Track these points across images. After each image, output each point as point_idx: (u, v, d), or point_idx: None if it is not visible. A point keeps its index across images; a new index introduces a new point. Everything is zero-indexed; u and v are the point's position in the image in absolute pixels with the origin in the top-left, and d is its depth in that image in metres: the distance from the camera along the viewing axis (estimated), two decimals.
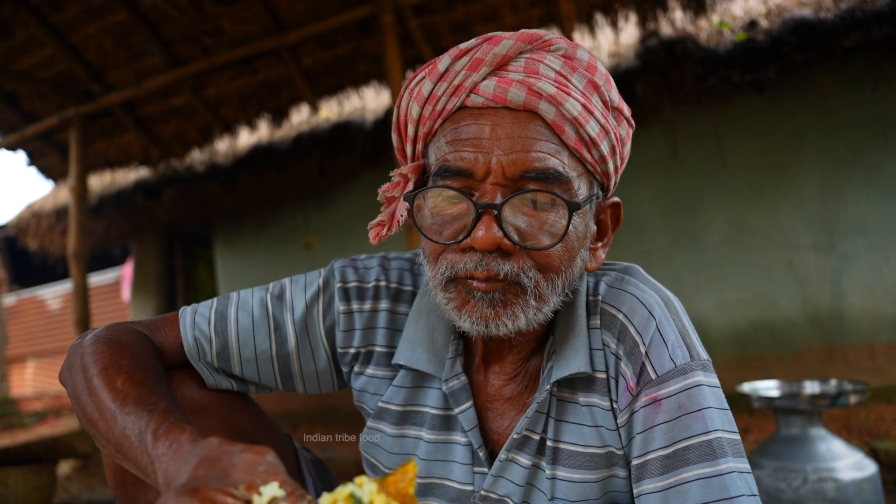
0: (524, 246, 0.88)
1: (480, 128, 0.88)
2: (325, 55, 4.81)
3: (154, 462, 0.78)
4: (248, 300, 1.11)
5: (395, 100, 3.91)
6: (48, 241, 6.99)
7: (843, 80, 4.35)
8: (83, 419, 0.93)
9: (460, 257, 0.90)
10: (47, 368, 10.94)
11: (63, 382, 1.01)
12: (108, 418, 0.87)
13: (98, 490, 4.34)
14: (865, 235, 4.40)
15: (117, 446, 0.85)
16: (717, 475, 0.88)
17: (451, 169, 0.89)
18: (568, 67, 0.91)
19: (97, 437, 0.91)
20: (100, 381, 0.91)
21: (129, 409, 0.86)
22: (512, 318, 0.90)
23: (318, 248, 6.23)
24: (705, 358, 0.98)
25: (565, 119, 0.88)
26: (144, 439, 0.81)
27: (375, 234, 1.02)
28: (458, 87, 0.90)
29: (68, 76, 5.05)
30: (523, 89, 0.87)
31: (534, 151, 0.87)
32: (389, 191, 1.01)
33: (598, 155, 0.93)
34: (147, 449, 0.80)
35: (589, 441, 0.99)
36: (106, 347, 0.97)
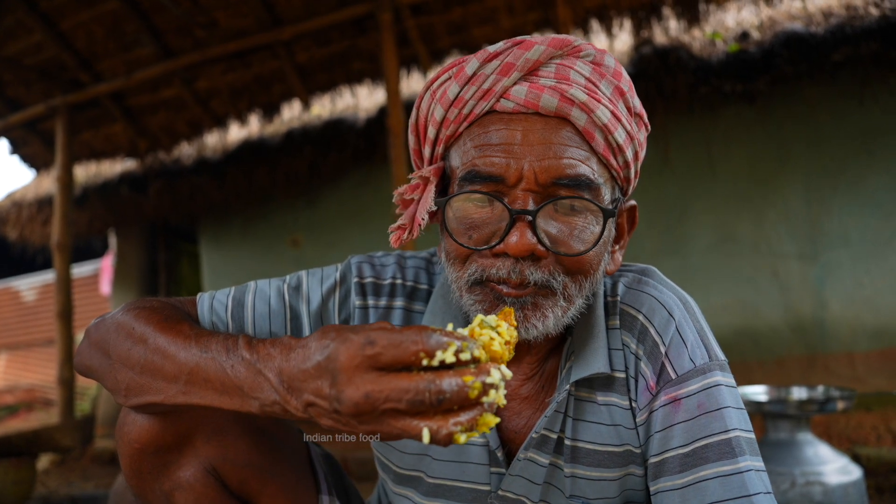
0: (557, 252, 0.89)
1: (511, 133, 0.88)
2: (320, 52, 4.78)
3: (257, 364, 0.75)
4: (265, 289, 1.11)
5: (391, 98, 3.96)
6: (28, 231, 6.85)
7: (831, 94, 4.45)
8: (130, 375, 0.87)
9: (492, 262, 0.90)
10: (20, 361, 10.71)
11: (86, 361, 0.97)
12: (177, 354, 0.83)
13: (77, 485, 4.27)
14: (847, 246, 4.49)
15: (192, 375, 0.81)
16: (736, 473, 0.90)
17: (481, 174, 0.88)
18: (597, 74, 0.91)
19: (151, 386, 0.85)
20: (158, 332, 0.87)
21: (206, 338, 0.84)
22: (541, 319, 0.90)
23: (306, 245, 6.19)
24: (723, 358, 1.01)
25: (596, 126, 0.89)
26: (236, 352, 0.79)
27: (396, 237, 1.01)
28: (487, 91, 0.90)
29: (56, 64, 4.96)
30: (556, 95, 0.87)
31: (566, 158, 0.88)
32: (408, 193, 1.00)
33: (622, 161, 0.95)
34: (243, 358, 0.77)
35: (607, 440, 1.01)
36: (149, 311, 0.94)
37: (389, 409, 0.64)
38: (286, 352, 0.74)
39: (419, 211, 0.97)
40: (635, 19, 4.44)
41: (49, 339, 9.58)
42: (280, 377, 0.73)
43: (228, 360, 0.79)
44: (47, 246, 6.43)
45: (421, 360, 0.65)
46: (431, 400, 0.63)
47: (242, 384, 0.77)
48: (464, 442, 0.65)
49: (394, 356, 0.65)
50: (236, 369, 0.77)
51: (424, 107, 0.98)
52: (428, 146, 0.99)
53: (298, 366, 0.71)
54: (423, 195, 0.99)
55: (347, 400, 0.65)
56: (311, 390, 0.70)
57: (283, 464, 1.08)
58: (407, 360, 0.65)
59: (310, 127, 5.64)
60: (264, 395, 0.75)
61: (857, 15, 4.16)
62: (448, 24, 4.50)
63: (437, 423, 0.64)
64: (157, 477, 0.99)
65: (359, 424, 0.67)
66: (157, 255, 7.57)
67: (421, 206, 0.97)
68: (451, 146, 0.96)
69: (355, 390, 0.65)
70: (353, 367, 0.66)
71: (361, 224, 5.66)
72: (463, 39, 4.59)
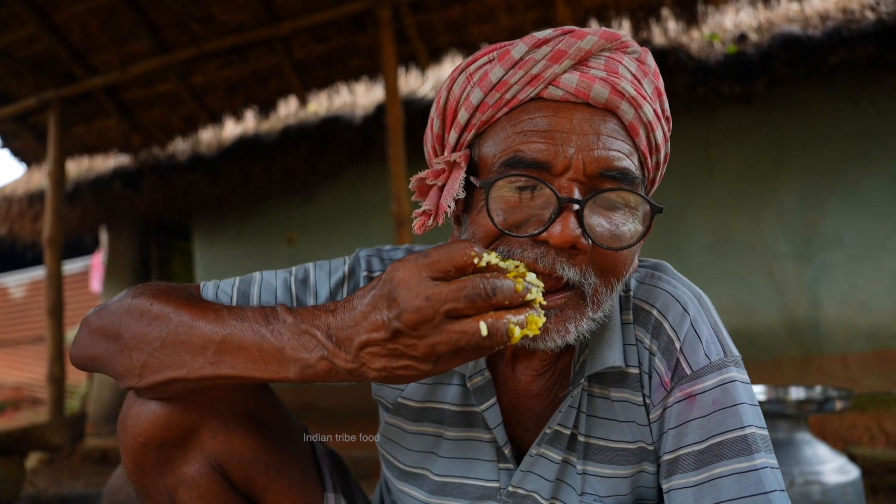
0: (601, 245, 0.85)
1: (560, 121, 0.85)
2: (318, 48, 4.76)
3: (301, 325, 0.79)
4: (271, 281, 1.08)
5: (389, 95, 3.94)
6: (18, 226, 6.77)
7: (828, 96, 4.47)
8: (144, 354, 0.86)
9: (521, 246, 0.86)
10: (8, 359, 10.62)
11: (88, 349, 0.93)
12: (202, 327, 0.83)
13: (66, 484, 4.22)
14: (842, 248, 4.52)
15: (223, 344, 0.81)
16: (752, 470, 0.89)
17: (526, 159, 0.85)
18: (641, 71, 0.91)
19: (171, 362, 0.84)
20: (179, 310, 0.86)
21: (238, 310, 0.84)
22: (563, 333, 0.87)
23: (301, 243, 6.16)
24: (737, 354, 1.00)
25: (641, 122, 0.88)
26: (277, 318, 0.81)
27: (421, 223, 0.97)
28: (536, 76, 0.87)
29: (49, 56, 4.91)
30: (607, 87, 0.86)
31: (613, 150, 0.86)
32: (431, 178, 0.97)
33: (655, 161, 0.94)
34: (286, 322, 0.80)
35: (620, 436, 1.00)
36: (161, 294, 0.91)
37: (448, 310, 0.69)
38: (332, 311, 0.78)
39: (445, 198, 0.94)
40: (634, 20, 4.45)
41: (38, 337, 9.49)
42: (328, 332, 0.76)
43: (269, 325, 0.81)
44: (37, 242, 6.36)
45: (472, 260, 0.71)
46: (487, 291, 0.69)
47: (285, 346, 0.79)
48: (518, 337, 0.70)
49: (447, 261, 0.71)
50: (278, 333, 0.79)
51: (458, 89, 0.94)
52: (455, 131, 0.95)
53: (349, 314, 0.75)
54: (447, 181, 0.95)
55: (409, 307, 0.69)
56: (365, 329, 0.73)
57: (290, 461, 1.06)
58: (459, 263, 0.71)
59: (306, 124, 5.61)
60: (310, 353, 0.77)
61: (854, 18, 4.19)
62: (447, 22, 4.50)
63: (493, 317, 0.69)
64: (161, 472, 0.96)
65: (419, 339, 0.70)
66: (149, 253, 7.51)
67: (447, 193, 0.93)
68: (484, 133, 0.93)
69: (416, 296, 0.69)
70: (411, 278, 0.70)
71: (358, 222, 5.64)
72: (462, 37, 4.58)
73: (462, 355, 0.73)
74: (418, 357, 0.72)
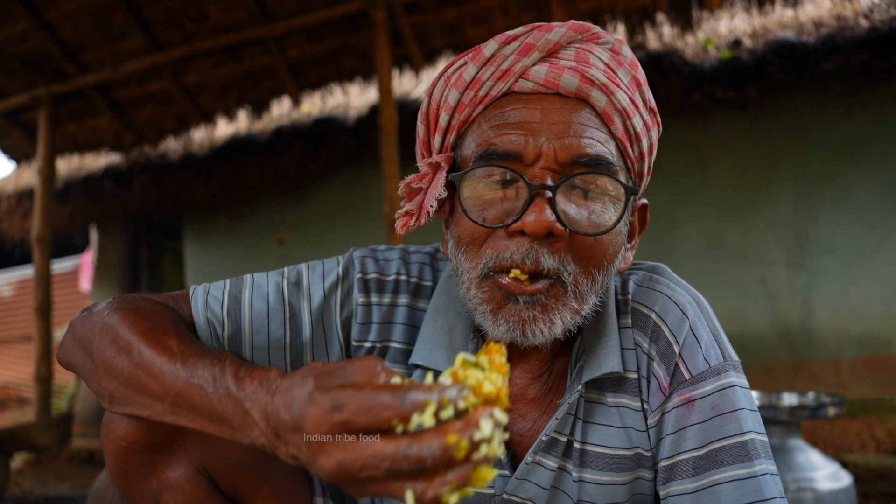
0: (577, 231, 0.85)
1: (530, 111, 0.87)
2: (312, 48, 4.74)
3: (243, 402, 0.70)
4: (263, 285, 1.06)
5: (383, 96, 3.92)
6: (7, 224, 6.72)
7: (821, 103, 4.49)
8: (114, 384, 0.84)
9: (506, 245, 0.86)
10: None
11: (69, 358, 0.94)
12: (162, 374, 0.79)
13: (51, 485, 4.17)
14: (834, 255, 4.54)
15: (178, 400, 0.78)
16: (752, 477, 0.88)
17: (498, 151, 0.87)
18: (615, 61, 0.91)
19: (136, 400, 0.82)
20: (144, 342, 0.83)
21: (193, 360, 0.79)
22: (549, 324, 0.87)
23: (293, 244, 6.13)
24: (736, 359, 0.99)
25: (615, 109, 0.88)
26: (223, 384, 0.73)
27: (403, 223, 0.98)
28: (506, 71, 0.88)
29: (41, 53, 4.87)
30: (576, 76, 0.86)
31: (585, 137, 0.86)
32: (416, 182, 0.97)
33: (638, 151, 0.93)
34: (230, 392, 0.72)
35: (617, 443, 0.98)
36: (136, 312, 0.89)
37: (366, 477, 0.58)
38: (272, 393, 0.68)
39: (428, 198, 0.95)
40: (629, 24, 4.46)
41: (25, 336, 9.39)
42: (267, 421, 0.68)
43: (215, 390, 0.74)
44: (26, 240, 6.29)
45: (394, 426, 0.57)
46: (410, 469, 0.56)
47: (231, 419, 0.72)
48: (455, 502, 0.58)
49: (365, 423, 0.58)
50: (223, 403, 0.73)
51: (437, 93, 0.96)
52: (439, 135, 0.97)
53: (281, 414, 0.66)
54: (431, 183, 0.96)
55: (321, 469, 0.60)
56: (293, 443, 0.64)
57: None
58: (380, 427, 0.58)
59: (299, 124, 5.59)
60: (253, 434, 0.70)
61: (848, 26, 4.21)
62: (442, 24, 4.49)
63: (422, 484, 0.57)
64: (145, 476, 0.94)
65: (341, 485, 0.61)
66: (139, 252, 7.46)
67: (430, 193, 0.95)
68: (464, 133, 0.95)
69: (327, 459, 0.59)
70: (321, 433, 0.60)
71: (350, 224, 5.62)
72: (457, 39, 4.58)
73: None
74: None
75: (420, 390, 0.59)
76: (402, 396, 0.58)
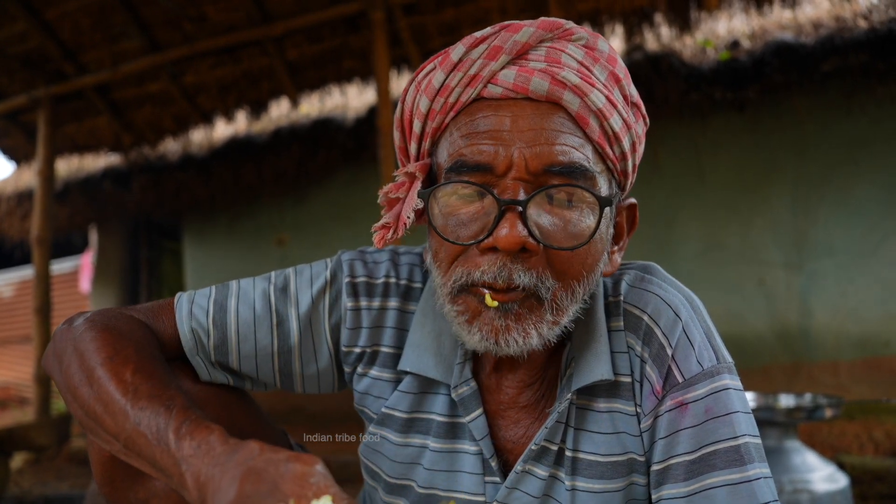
0: (550, 245, 0.83)
1: (500, 119, 0.83)
2: (311, 49, 4.75)
3: (180, 463, 0.73)
4: (249, 291, 1.04)
5: (381, 97, 3.92)
6: (7, 225, 6.73)
7: (820, 104, 4.49)
8: (80, 412, 0.86)
9: (477, 263, 0.84)
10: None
11: (49, 369, 0.94)
12: (115, 412, 0.81)
13: (51, 485, 4.17)
14: (833, 256, 4.53)
15: (128, 443, 0.80)
16: (745, 481, 0.86)
17: (468, 163, 0.83)
18: (590, 58, 0.86)
19: (98, 433, 0.85)
20: (104, 372, 0.84)
21: (143, 403, 0.80)
22: (523, 335, 0.85)
23: (292, 244, 6.13)
24: (730, 360, 0.96)
25: (590, 111, 0.84)
26: (165, 437, 0.76)
27: (380, 237, 0.95)
28: (474, 76, 0.84)
29: (40, 54, 4.87)
30: (546, 78, 0.82)
31: (558, 144, 0.82)
32: (393, 191, 0.94)
33: (619, 151, 0.89)
34: (170, 448, 0.74)
35: (610, 449, 0.96)
36: (106, 335, 0.90)
37: None
38: (207, 462, 0.70)
39: (405, 209, 0.91)
40: (627, 25, 4.46)
41: (26, 336, 9.39)
42: (198, 490, 0.69)
43: (158, 443, 0.76)
44: (26, 240, 6.29)
45: None
46: None
47: (171, 475, 0.74)
48: None
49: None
50: (164, 458, 0.75)
51: (409, 100, 0.93)
52: (414, 142, 0.94)
53: (207, 494, 0.68)
54: (408, 193, 0.93)
55: None
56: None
57: None
58: None
59: (298, 125, 5.59)
60: (186, 495, 0.72)
61: (847, 26, 4.21)
62: (440, 25, 4.49)
63: None
64: (132, 486, 0.94)
65: None
66: (138, 253, 7.47)
67: (406, 204, 0.91)
68: (438, 140, 0.91)
69: None
70: None
71: (349, 224, 5.62)
72: (455, 40, 4.47)
73: None
74: None
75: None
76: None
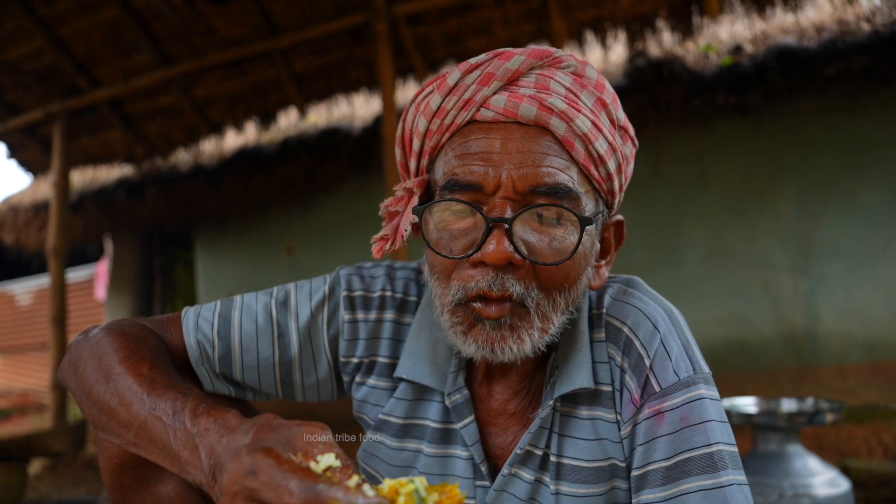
0: (534, 261, 0.88)
1: (490, 142, 0.88)
2: (317, 60, 4.82)
3: (195, 438, 0.75)
4: (252, 305, 1.10)
5: (386, 107, 3.97)
6: (24, 235, 6.85)
7: (823, 108, 4.48)
8: (94, 410, 0.90)
9: (471, 275, 0.89)
10: (15, 365, 10.68)
11: (64, 379, 0.99)
12: (130, 402, 0.84)
13: (67, 490, 4.25)
14: (839, 259, 4.52)
15: (141, 430, 0.82)
16: (718, 487, 0.88)
17: (461, 182, 0.89)
18: (577, 84, 0.92)
19: (110, 427, 0.88)
20: (122, 369, 0.88)
21: (160, 391, 0.83)
22: (517, 342, 0.90)
23: (301, 252, 6.19)
24: (707, 371, 0.99)
25: (575, 135, 0.89)
26: (181, 417, 0.78)
27: (379, 248, 1.00)
28: (468, 101, 0.90)
29: (55, 70, 4.99)
30: (534, 104, 0.87)
31: (544, 166, 0.87)
32: (393, 205, 1.00)
33: (605, 172, 0.94)
34: (185, 426, 0.77)
35: (592, 455, 1.00)
36: (123, 338, 0.95)
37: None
38: (222, 433, 0.72)
39: (403, 222, 0.97)
40: (630, 31, 4.48)
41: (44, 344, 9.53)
42: (210, 458, 0.71)
43: (172, 424, 0.78)
44: (43, 250, 6.43)
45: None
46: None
47: (180, 454, 0.76)
48: None
49: (268, 499, 0.61)
50: (177, 437, 0.77)
51: (409, 119, 0.98)
52: (413, 159, 1.00)
53: (220, 456, 0.70)
54: (406, 207, 0.98)
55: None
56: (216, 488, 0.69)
57: None
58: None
59: (306, 135, 5.66)
60: (195, 472, 0.74)
61: (849, 30, 4.20)
62: (444, 35, 4.54)
63: None
64: (138, 491, 0.99)
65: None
66: (152, 261, 7.57)
67: (405, 218, 0.97)
68: (435, 158, 0.97)
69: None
70: (231, 492, 0.64)
71: (357, 232, 5.65)
72: (459, 50, 4.63)
73: None
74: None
75: (334, 487, 0.60)
76: (310, 486, 0.60)
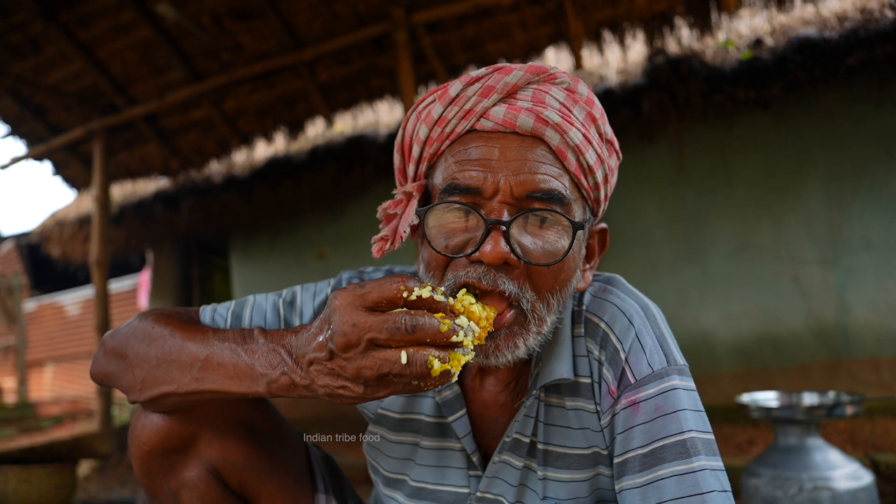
0: (529, 261, 0.94)
1: (490, 149, 0.95)
2: (341, 70, 4.94)
3: (271, 341, 0.88)
4: (262, 304, 1.19)
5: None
6: (70, 248, 7.15)
7: (848, 98, 4.41)
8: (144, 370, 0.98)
9: (465, 269, 0.95)
10: (65, 373, 11.12)
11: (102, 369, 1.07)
12: (194, 345, 0.95)
13: (115, 490, 4.46)
14: (870, 251, 4.43)
15: (207, 362, 0.93)
16: (690, 472, 0.93)
17: (460, 186, 0.95)
18: (570, 99, 0.98)
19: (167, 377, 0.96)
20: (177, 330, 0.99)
21: (223, 332, 0.95)
22: (512, 349, 0.96)
23: (332, 257, 6.34)
24: (681, 363, 1.04)
25: (568, 146, 0.96)
26: (253, 339, 0.91)
27: (378, 248, 1.07)
28: (469, 111, 0.96)
29: (94, 90, 5.24)
30: (531, 116, 0.94)
31: (540, 174, 0.94)
32: (392, 208, 1.06)
33: (593, 182, 1.01)
34: (258, 341, 0.90)
35: (575, 443, 1.07)
36: (167, 316, 1.04)
37: (371, 339, 0.77)
38: (295, 332, 0.87)
39: (401, 224, 1.04)
40: (648, 30, 4.48)
41: (91, 352, 9.90)
42: (290, 350, 0.86)
43: (245, 344, 0.91)
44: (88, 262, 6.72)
45: (401, 294, 0.78)
46: (406, 327, 0.75)
47: (255, 363, 0.88)
48: (438, 370, 0.76)
49: (379, 293, 0.78)
50: (251, 351, 0.89)
51: (410, 127, 1.06)
52: (412, 164, 1.06)
53: (304, 335, 0.84)
54: (405, 210, 1.05)
55: (338, 331, 0.78)
56: (312, 348, 0.82)
57: (281, 465, 1.17)
58: (390, 296, 0.78)
59: (333, 143, 5.79)
60: (274, 370, 0.86)
61: (872, 18, 4.12)
62: (463, 41, 4.61)
63: (415, 349, 0.76)
64: (165, 476, 1.09)
65: (347, 362, 0.79)
66: (190, 270, 7.81)
67: (403, 220, 1.04)
68: (434, 165, 1.03)
69: (345, 321, 0.78)
70: (345, 305, 0.79)
71: None
72: (478, 55, 4.69)
73: (389, 385, 0.81)
74: (349, 378, 0.80)
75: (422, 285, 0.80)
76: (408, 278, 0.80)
